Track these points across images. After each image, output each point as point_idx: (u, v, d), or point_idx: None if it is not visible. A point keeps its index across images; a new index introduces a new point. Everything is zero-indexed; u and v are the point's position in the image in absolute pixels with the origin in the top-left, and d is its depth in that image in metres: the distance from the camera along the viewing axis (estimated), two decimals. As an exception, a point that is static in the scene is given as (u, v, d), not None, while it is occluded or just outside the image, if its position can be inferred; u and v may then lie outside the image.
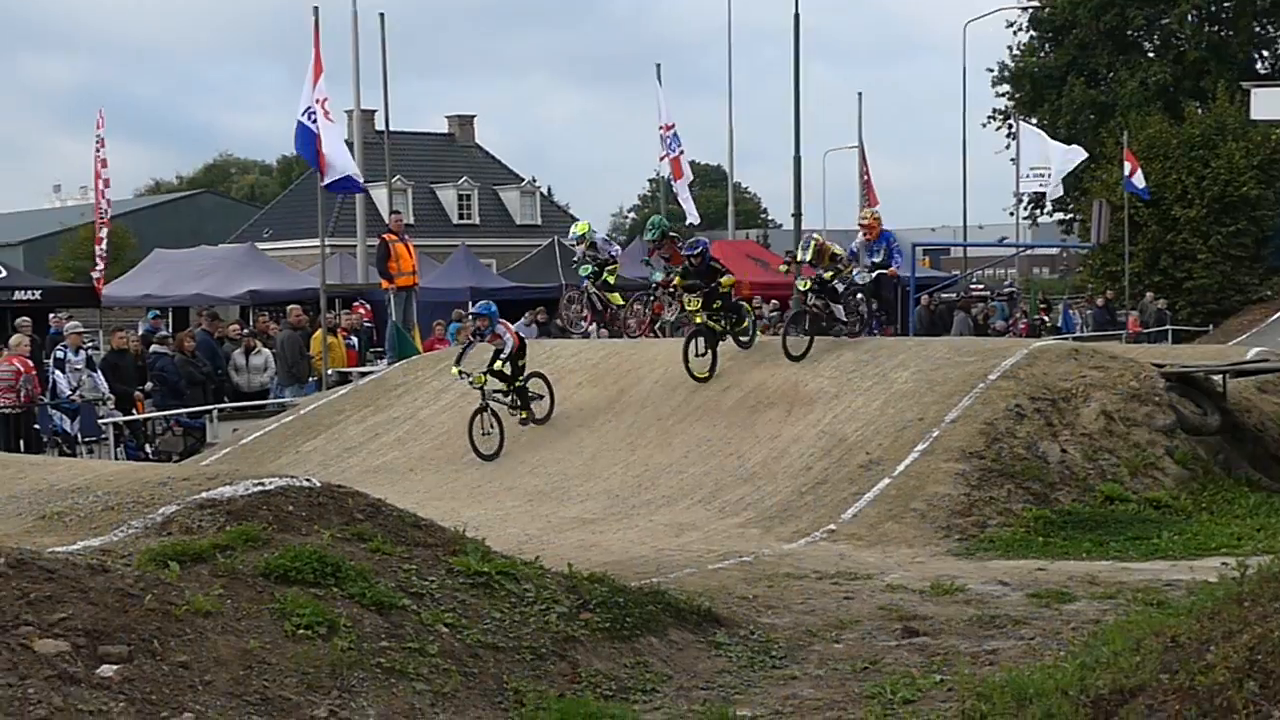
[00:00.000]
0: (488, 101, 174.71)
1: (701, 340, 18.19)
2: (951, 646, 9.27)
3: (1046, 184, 39.11)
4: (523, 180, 71.08)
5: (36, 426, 20.38)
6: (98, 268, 27.56)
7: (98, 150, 26.35)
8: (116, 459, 20.13)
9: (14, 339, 20.98)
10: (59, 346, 21.86)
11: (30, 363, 20.45)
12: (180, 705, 6.97)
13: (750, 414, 17.13)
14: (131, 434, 21.76)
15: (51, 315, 26.32)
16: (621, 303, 21.15)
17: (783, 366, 17.85)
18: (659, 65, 31.61)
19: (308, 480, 9.79)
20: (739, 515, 14.75)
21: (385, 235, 23.85)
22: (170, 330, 28.76)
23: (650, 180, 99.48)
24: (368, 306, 29.27)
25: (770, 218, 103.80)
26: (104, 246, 26.96)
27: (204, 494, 9.15)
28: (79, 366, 21.24)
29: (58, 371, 21.19)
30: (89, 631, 7.20)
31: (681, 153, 30.76)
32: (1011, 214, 49.65)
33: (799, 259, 18.90)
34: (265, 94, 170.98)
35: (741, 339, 18.77)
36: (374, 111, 45.17)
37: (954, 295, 37.64)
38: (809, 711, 7.88)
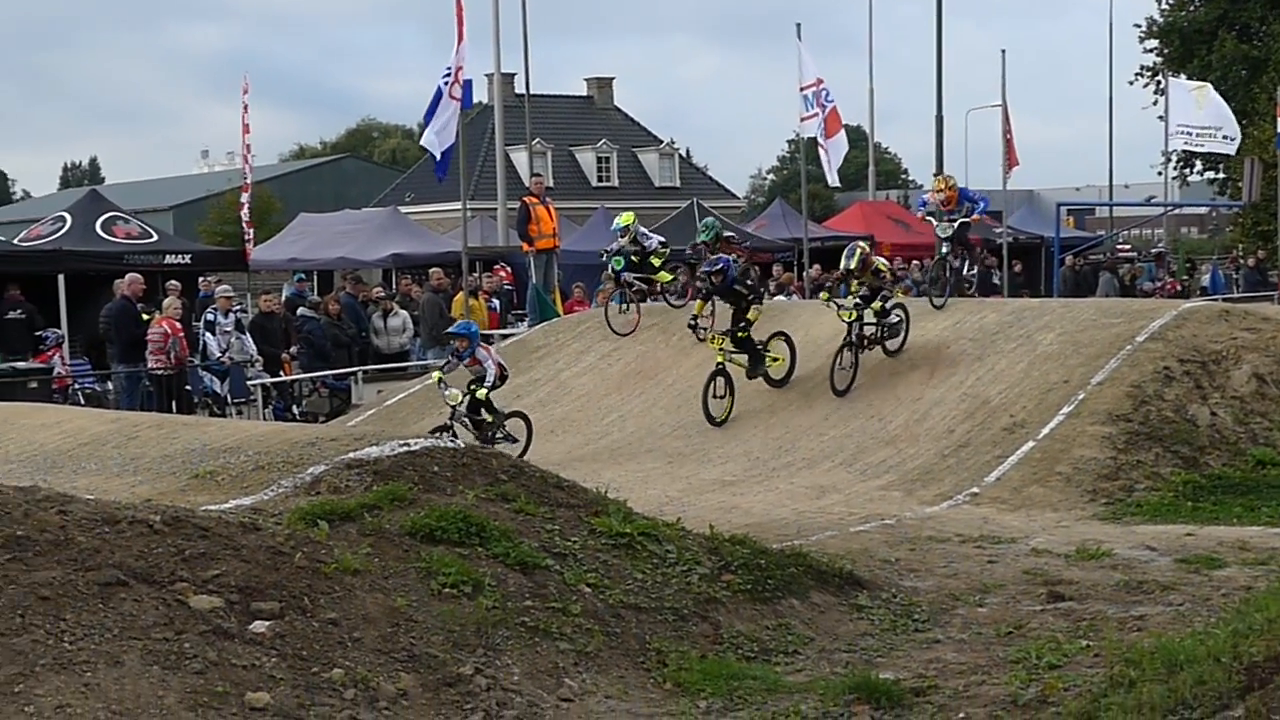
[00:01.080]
0: (626, 63, 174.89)
1: (721, 381, 17.02)
2: (1098, 612, 9.15)
3: (1224, 140, 37.66)
4: (661, 142, 71.09)
5: (188, 387, 20.84)
6: (247, 234, 28.03)
7: (243, 116, 26.78)
8: (265, 420, 20.52)
9: (167, 301, 21.45)
10: (209, 309, 22.32)
11: (179, 325, 20.90)
12: (330, 661, 7.10)
13: (891, 376, 17.01)
14: (279, 395, 22.18)
15: (200, 279, 26.85)
16: (670, 278, 20.13)
17: (924, 329, 17.68)
18: (799, 25, 31.35)
19: (452, 441, 9.90)
20: (880, 478, 14.66)
21: (526, 198, 23.96)
22: (315, 293, 29.19)
23: (789, 141, 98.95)
24: (509, 269, 29.50)
25: (911, 178, 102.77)
26: (247, 211, 27.42)
27: (351, 454, 9.29)
28: (228, 329, 21.70)
29: (208, 334, 21.67)
30: (241, 588, 7.36)
31: (834, 107, 30.22)
32: (1159, 173, 48.65)
33: (843, 266, 17.56)
34: (407, 58, 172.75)
35: (773, 378, 17.44)
36: (514, 75, 45.45)
37: (1100, 256, 36.98)
38: (953, 675, 7.82)
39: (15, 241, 28.21)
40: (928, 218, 19.48)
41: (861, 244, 18.24)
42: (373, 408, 19.95)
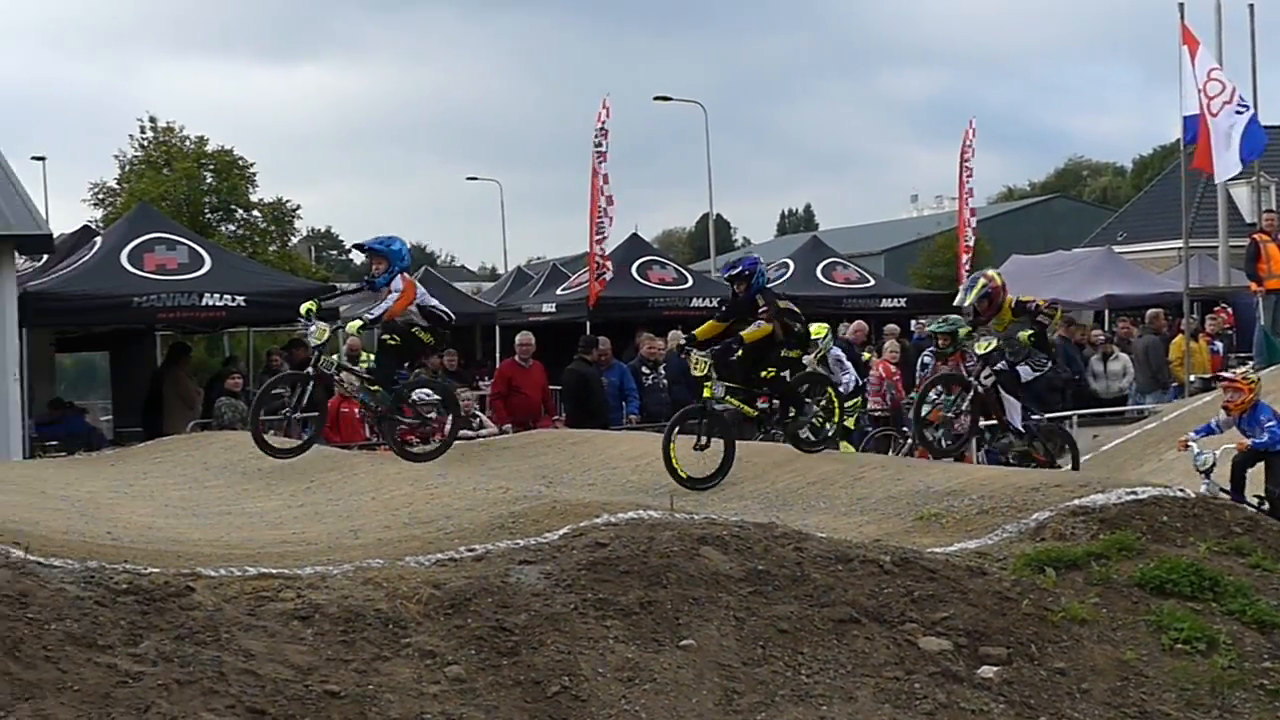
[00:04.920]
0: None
1: (703, 423, 11.70)
2: None
3: None
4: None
5: (904, 429, 21.26)
6: (964, 271, 28.30)
7: (964, 160, 27.04)
8: (978, 462, 20.57)
9: (886, 345, 22.06)
10: (925, 352, 22.68)
11: (892, 368, 21.37)
12: (1057, 712, 7.04)
13: None
14: (991, 437, 22.18)
15: (914, 321, 27.37)
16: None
17: None
18: None
19: (1180, 490, 9.59)
20: None
21: (1256, 235, 22.82)
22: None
23: None
24: (1230, 310, 28.25)
25: None
26: (969, 254, 27.66)
27: (1076, 501, 9.18)
28: (943, 372, 21.93)
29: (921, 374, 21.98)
30: (969, 632, 7.43)
31: None
32: None
33: (959, 301, 13.57)
34: (1119, 95, 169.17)
35: (803, 437, 12.28)
36: (1236, 102, 43.42)
37: None
38: None
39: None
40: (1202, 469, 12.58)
41: (989, 272, 14.08)
42: (1089, 453, 19.57)
